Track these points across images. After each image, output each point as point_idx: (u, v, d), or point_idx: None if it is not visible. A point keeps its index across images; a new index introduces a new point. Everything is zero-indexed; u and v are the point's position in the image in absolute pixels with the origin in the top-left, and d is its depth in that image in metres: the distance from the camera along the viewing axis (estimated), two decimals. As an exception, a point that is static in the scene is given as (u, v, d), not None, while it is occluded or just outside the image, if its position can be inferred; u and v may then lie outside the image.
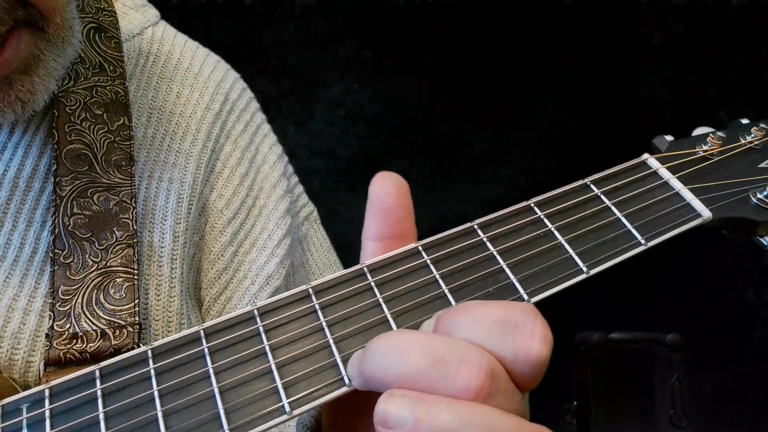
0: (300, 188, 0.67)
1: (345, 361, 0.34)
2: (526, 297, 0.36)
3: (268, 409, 0.32)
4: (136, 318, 0.47)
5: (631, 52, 1.97)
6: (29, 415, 0.33)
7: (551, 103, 1.94)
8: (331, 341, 0.34)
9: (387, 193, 0.36)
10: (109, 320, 0.47)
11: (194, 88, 0.60)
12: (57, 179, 0.50)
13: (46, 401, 0.33)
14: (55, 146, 0.51)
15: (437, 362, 0.29)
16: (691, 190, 0.42)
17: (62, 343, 0.45)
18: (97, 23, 0.56)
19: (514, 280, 0.37)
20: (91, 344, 0.46)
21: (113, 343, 0.46)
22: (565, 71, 1.94)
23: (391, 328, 0.35)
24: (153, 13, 0.64)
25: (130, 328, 0.47)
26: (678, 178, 0.42)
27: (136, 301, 0.48)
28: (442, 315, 0.32)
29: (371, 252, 0.38)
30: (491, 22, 1.88)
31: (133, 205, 0.51)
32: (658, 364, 1.96)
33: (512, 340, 0.30)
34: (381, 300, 0.36)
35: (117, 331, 0.46)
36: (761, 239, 0.43)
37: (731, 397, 1.76)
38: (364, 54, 1.85)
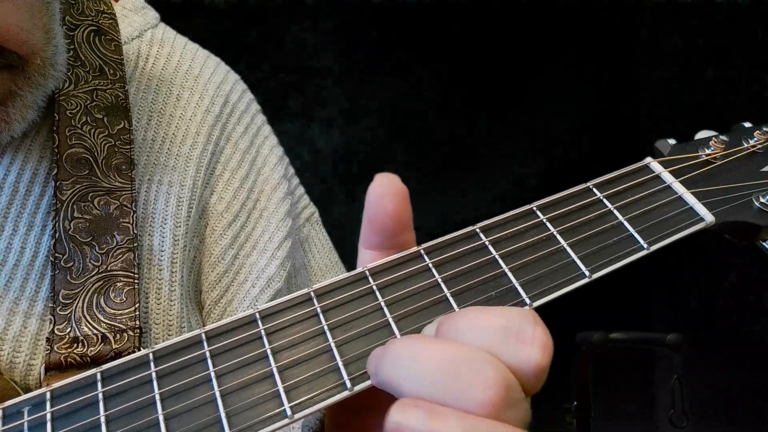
0: (301, 190, 0.67)
1: (346, 365, 0.34)
2: (528, 301, 0.36)
3: (270, 413, 0.32)
4: (137, 322, 0.47)
5: (633, 54, 1.97)
6: (30, 418, 0.33)
7: (553, 105, 1.94)
8: (332, 345, 0.34)
9: (384, 210, 0.35)
10: (110, 324, 0.47)
11: (194, 91, 0.60)
12: (57, 183, 0.49)
13: (48, 404, 0.33)
14: (56, 150, 0.50)
15: (453, 373, 0.28)
16: (694, 194, 0.42)
17: (63, 347, 0.45)
18: (96, 26, 0.56)
19: (516, 284, 0.37)
20: (92, 348, 0.46)
21: (114, 347, 0.46)
22: (567, 73, 1.94)
23: (392, 332, 0.35)
24: (152, 15, 0.63)
25: (130, 332, 0.47)
26: (680, 182, 0.42)
27: (137, 305, 0.48)
28: (444, 320, 0.32)
29: (367, 261, 0.37)
30: (493, 22, 1.88)
31: (134, 209, 0.51)
32: (658, 364, 1.96)
33: (513, 347, 0.29)
34: (383, 303, 0.36)
35: (117, 335, 0.46)
36: (764, 243, 0.43)
37: (731, 397, 1.76)
38: (364, 54, 1.85)
